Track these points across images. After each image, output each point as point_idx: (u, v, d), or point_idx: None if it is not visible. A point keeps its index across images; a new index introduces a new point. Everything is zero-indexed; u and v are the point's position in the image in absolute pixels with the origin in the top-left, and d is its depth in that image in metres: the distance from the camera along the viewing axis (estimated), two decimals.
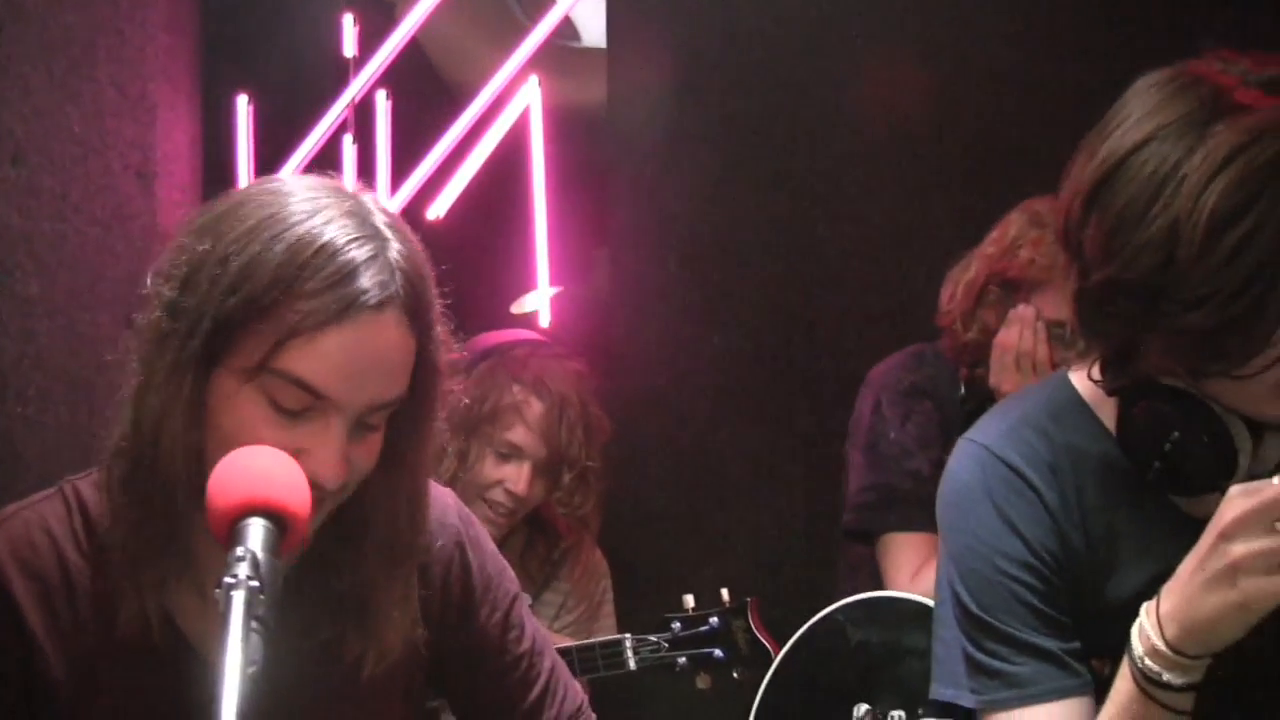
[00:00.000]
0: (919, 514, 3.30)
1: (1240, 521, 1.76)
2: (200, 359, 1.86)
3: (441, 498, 2.30)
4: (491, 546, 2.36)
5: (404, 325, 1.92)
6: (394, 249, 1.92)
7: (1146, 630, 1.84)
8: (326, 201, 1.92)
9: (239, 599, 1.52)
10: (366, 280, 1.87)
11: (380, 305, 1.88)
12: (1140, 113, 1.89)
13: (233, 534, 1.65)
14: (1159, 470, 1.97)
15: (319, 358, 1.85)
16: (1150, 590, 1.93)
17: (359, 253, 1.87)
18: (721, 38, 4.55)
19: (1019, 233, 3.35)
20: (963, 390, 3.52)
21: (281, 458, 1.78)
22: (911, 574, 3.28)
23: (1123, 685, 1.89)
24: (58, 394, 4.00)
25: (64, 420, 4.01)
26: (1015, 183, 3.48)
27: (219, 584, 1.55)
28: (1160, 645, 1.82)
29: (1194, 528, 1.87)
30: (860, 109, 4.50)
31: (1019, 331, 3.32)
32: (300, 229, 1.87)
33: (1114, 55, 4.24)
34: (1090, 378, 2.06)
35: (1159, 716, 1.86)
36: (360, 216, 1.93)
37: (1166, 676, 1.83)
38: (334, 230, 1.88)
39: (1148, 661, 1.84)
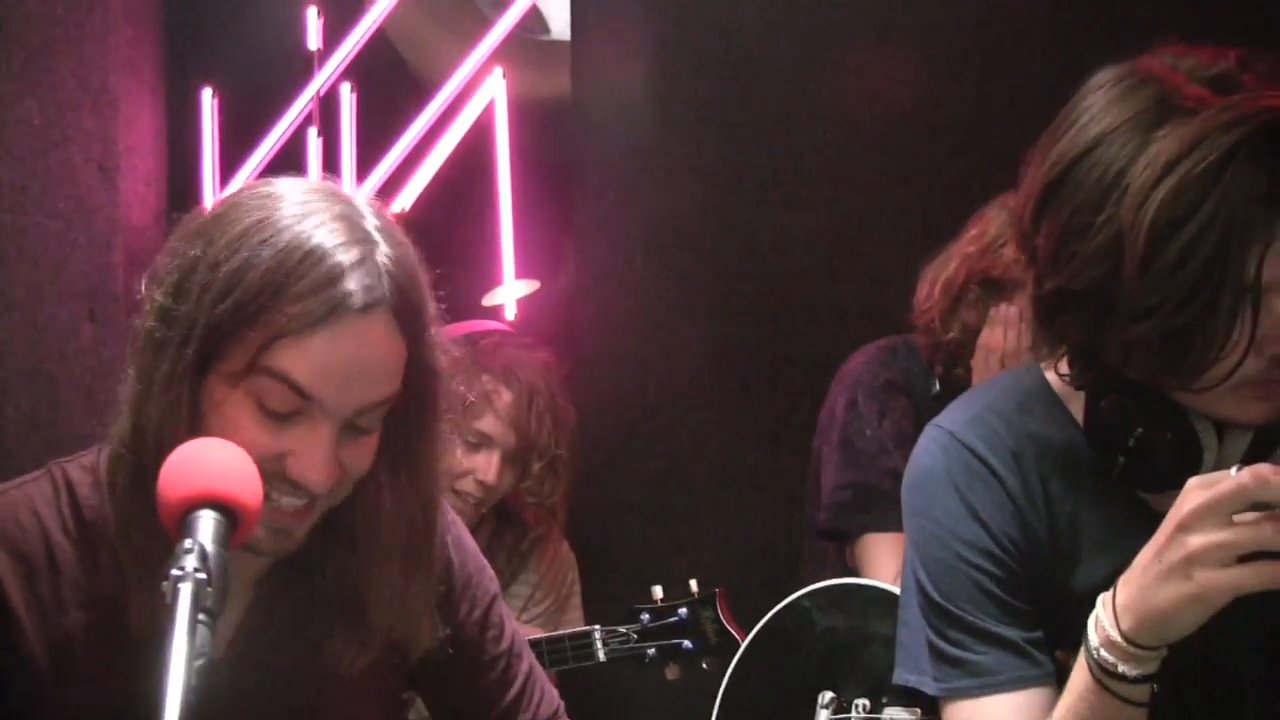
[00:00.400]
0: (897, 514, 3.29)
1: (1197, 513, 1.73)
2: (195, 367, 1.88)
3: None
4: (473, 545, 2.36)
5: (392, 327, 1.93)
6: (383, 252, 1.93)
7: (1102, 621, 1.83)
8: (316, 205, 1.93)
9: (186, 591, 1.51)
10: (353, 283, 1.87)
11: (366, 308, 1.88)
12: (1088, 116, 1.88)
13: (182, 526, 1.64)
14: (1124, 465, 1.97)
15: (306, 358, 1.86)
16: (1112, 583, 1.92)
17: (346, 256, 1.88)
18: (687, 29, 4.55)
19: (999, 230, 3.30)
20: (937, 387, 3.49)
21: (233, 450, 1.77)
22: (894, 575, 3.23)
23: (1079, 676, 1.87)
24: (18, 386, 3.99)
25: (24, 411, 4.00)
26: (987, 172, 3.46)
27: (166, 576, 1.53)
28: (1115, 636, 1.80)
29: (1158, 522, 1.85)
30: (829, 99, 4.50)
31: (1003, 332, 3.30)
32: (288, 234, 1.88)
33: (1093, 45, 4.24)
34: (1057, 372, 2.05)
35: (1115, 708, 1.84)
36: (350, 220, 1.93)
37: (1121, 668, 1.81)
38: (322, 234, 1.89)
39: (1103, 652, 1.82)
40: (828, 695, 2.64)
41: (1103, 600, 1.84)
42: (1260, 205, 1.75)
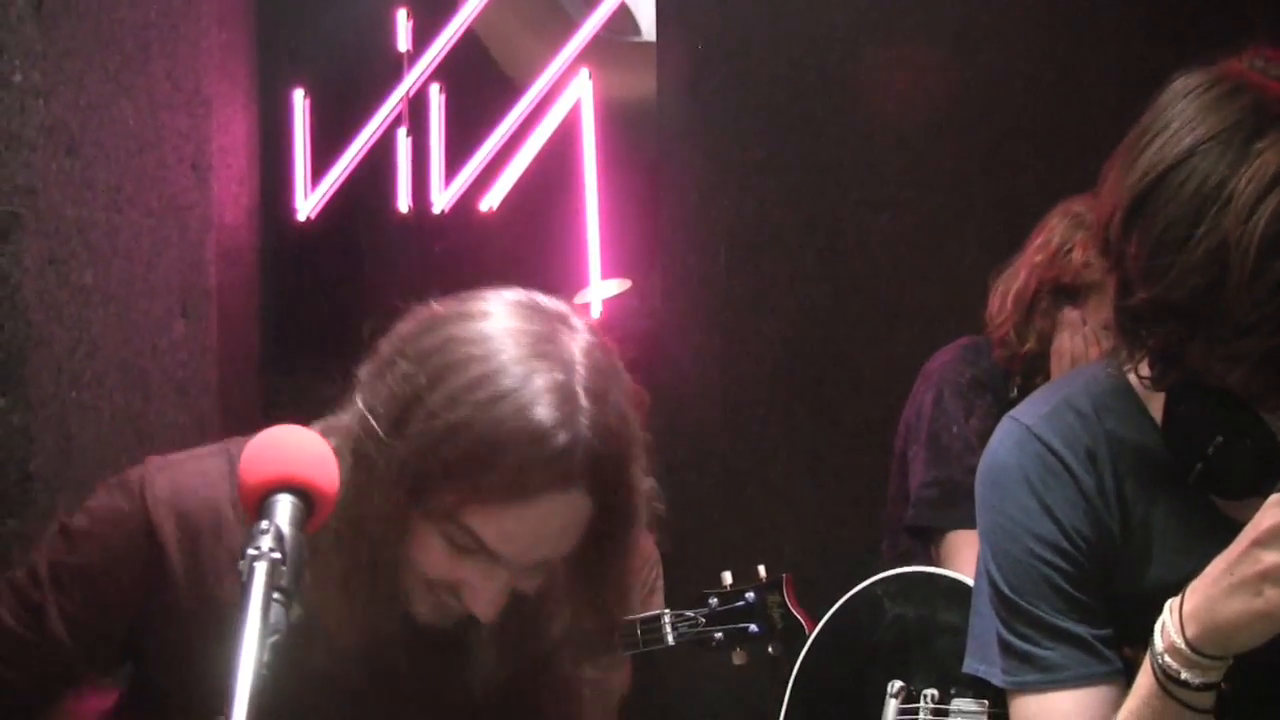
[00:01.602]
0: None
1: (1275, 531, 1.73)
2: (406, 505, 1.90)
3: None
4: None
5: (584, 499, 1.93)
6: (590, 420, 1.91)
7: (1168, 627, 1.82)
8: (537, 365, 1.92)
9: (261, 570, 1.55)
10: (559, 466, 1.88)
11: (565, 487, 1.89)
12: (1179, 123, 1.85)
13: (260, 509, 1.68)
14: (1201, 471, 1.97)
15: (496, 525, 1.88)
16: (1181, 586, 1.92)
17: (558, 438, 1.87)
18: (767, 31, 4.57)
19: (1064, 237, 3.27)
20: (1015, 393, 3.48)
21: (311, 436, 1.81)
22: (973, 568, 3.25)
23: (1144, 680, 1.87)
24: (112, 380, 4.06)
25: (118, 405, 4.06)
26: (1067, 173, 3.47)
27: (242, 555, 1.58)
28: (1180, 643, 1.80)
29: (1232, 528, 1.84)
30: (910, 100, 4.51)
31: (1069, 336, 3.29)
32: (507, 405, 1.88)
33: (1149, 45, 4.24)
34: (1138, 374, 2.05)
35: (1177, 713, 1.85)
36: (566, 389, 1.92)
37: (1185, 675, 1.80)
38: (540, 410, 1.88)
39: (1167, 658, 1.81)
40: (897, 684, 2.64)
41: (1170, 606, 1.83)
42: None
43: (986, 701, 2.45)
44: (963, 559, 3.28)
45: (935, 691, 2.59)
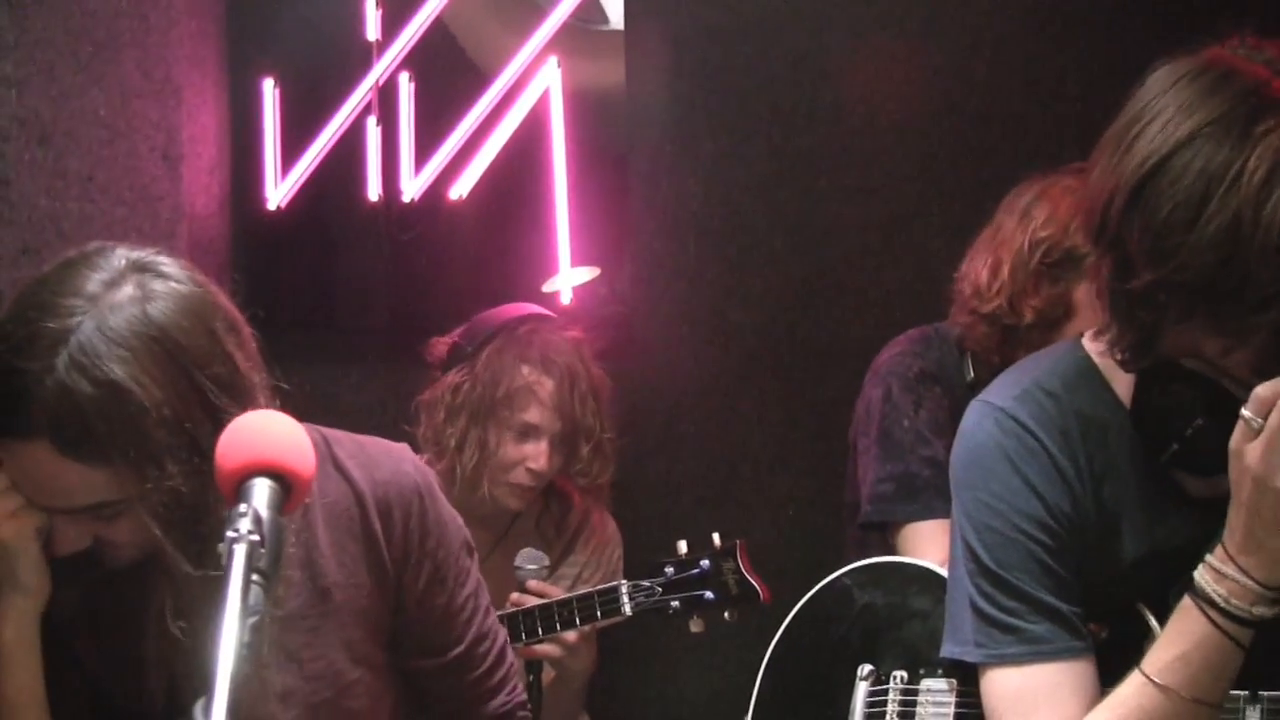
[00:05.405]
0: (939, 502, 3.31)
1: (1265, 458, 1.85)
2: None
3: (399, 452, 2.47)
4: (446, 502, 2.51)
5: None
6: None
7: (1230, 576, 1.93)
8: None
9: (240, 552, 1.58)
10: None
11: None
12: (1174, 110, 1.91)
13: (238, 493, 1.71)
14: (1176, 451, 2.02)
15: None
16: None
17: None
18: (737, 18, 4.59)
19: (1069, 212, 3.21)
20: (971, 375, 3.50)
21: (286, 421, 1.84)
22: (938, 561, 3.25)
23: (1191, 627, 1.97)
24: None
25: None
26: (1021, 158, 3.50)
27: (221, 539, 1.60)
28: (1252, 585, 1.92)
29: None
30: (875, 86, 4.54)
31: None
32: None
33: (1116, 33, 4.27)
34: (1113, 358, 2.09)
35: (1233, 653, 1.96)
36: None
37: (1258, 610, 1.93)
38: None
39: (1234, 601, 1.92)
40: (867, 668, 2.68)
41: (1217, 561, 1.95)
42: None
43: (955, 680, 2.48)
44: (922, 549, 3.30)
45: (904, 674, 2.63)
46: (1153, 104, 1.94)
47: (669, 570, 3.41)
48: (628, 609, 3.43)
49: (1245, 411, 1.88)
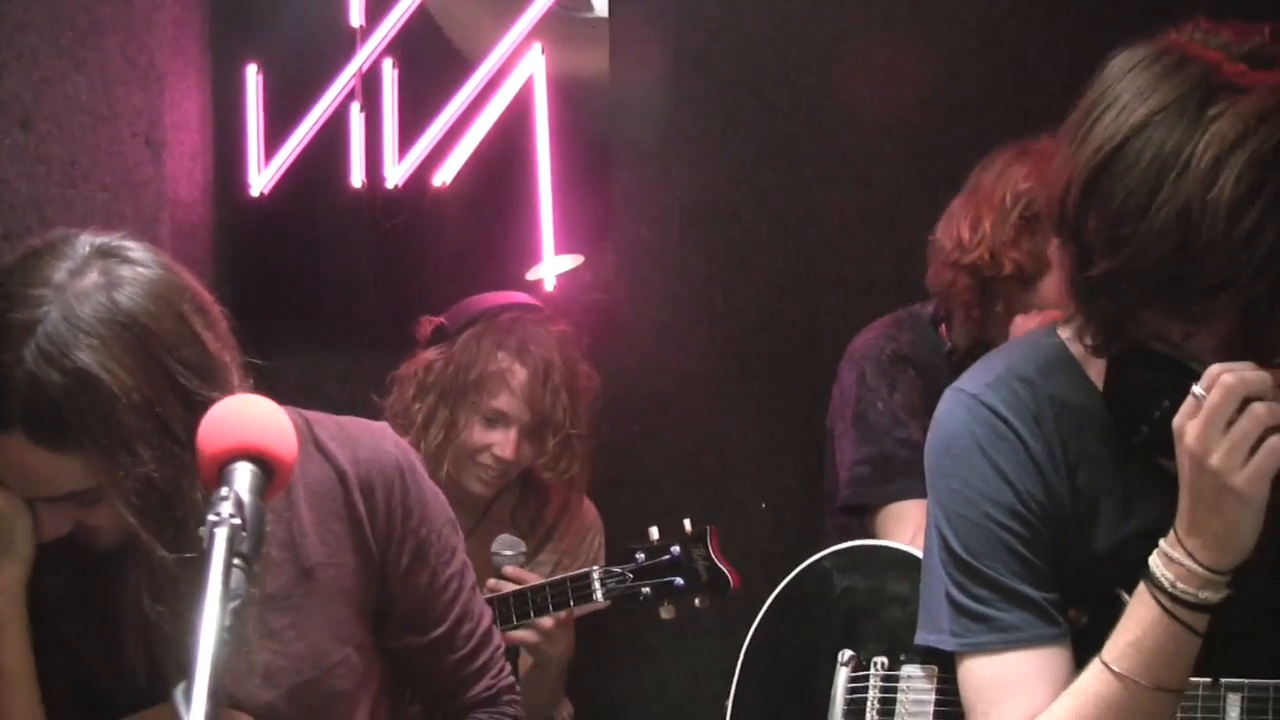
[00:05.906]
0: (916, 482, 3.31)
1: (1201, 438, 1.86)
2: None
3: (380, 430, 2.48)
4: (429, 480, 2.52)
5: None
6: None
7: (1176, 560, 1.93)
8: None
9: (221, 536, 1.58)
10: None
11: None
12: (1129, 96, 1.91)
13: (220, 477, 1.71)
14: (1147, 434, 2.02)
15: None
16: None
17: None
18: (722, 6, 4.59)
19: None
20: (948, 346, 3.51)
21: (268, 405, 1.84)
22: (910, 537, 3.28)
23: (1143, 614, 1.97)
24: None
25: None
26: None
27: (203, 522, 1.60)
28: (1195, 568, 1.92)
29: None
30: (860, 75, 4.54)
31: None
32: None
33: (1099, 25, 4.27)
34: (1081, 343, 2.09)
35: (1187, 640, 1.96)
36: None
37: (1203, 595, 1.92)
38: None
39: (1180, 585, 1.93)
40: (847, 654, 2.68)
41: (1167, 545, 1.95)
42: None
43: (935, 667, 2.49)
44: (899, 531, 3.32)
45: (885, 659, 2.63)
46: (1108, 92, 1.95)
47: (640, 556, 3.40)
48: (599, 595, 3.42)
49: (1196, 389, 1.89)
